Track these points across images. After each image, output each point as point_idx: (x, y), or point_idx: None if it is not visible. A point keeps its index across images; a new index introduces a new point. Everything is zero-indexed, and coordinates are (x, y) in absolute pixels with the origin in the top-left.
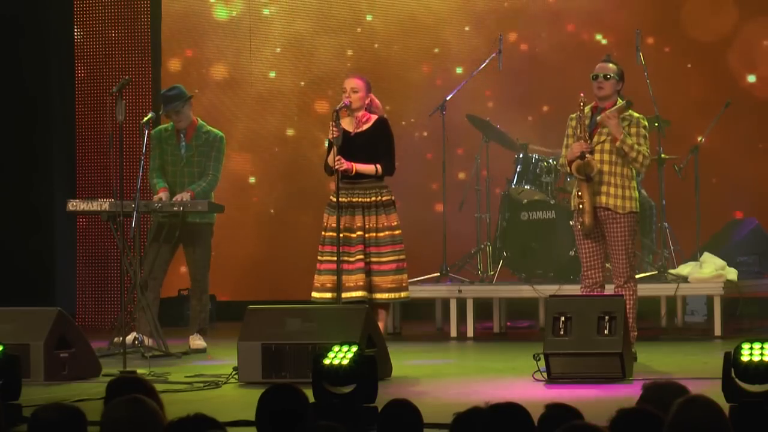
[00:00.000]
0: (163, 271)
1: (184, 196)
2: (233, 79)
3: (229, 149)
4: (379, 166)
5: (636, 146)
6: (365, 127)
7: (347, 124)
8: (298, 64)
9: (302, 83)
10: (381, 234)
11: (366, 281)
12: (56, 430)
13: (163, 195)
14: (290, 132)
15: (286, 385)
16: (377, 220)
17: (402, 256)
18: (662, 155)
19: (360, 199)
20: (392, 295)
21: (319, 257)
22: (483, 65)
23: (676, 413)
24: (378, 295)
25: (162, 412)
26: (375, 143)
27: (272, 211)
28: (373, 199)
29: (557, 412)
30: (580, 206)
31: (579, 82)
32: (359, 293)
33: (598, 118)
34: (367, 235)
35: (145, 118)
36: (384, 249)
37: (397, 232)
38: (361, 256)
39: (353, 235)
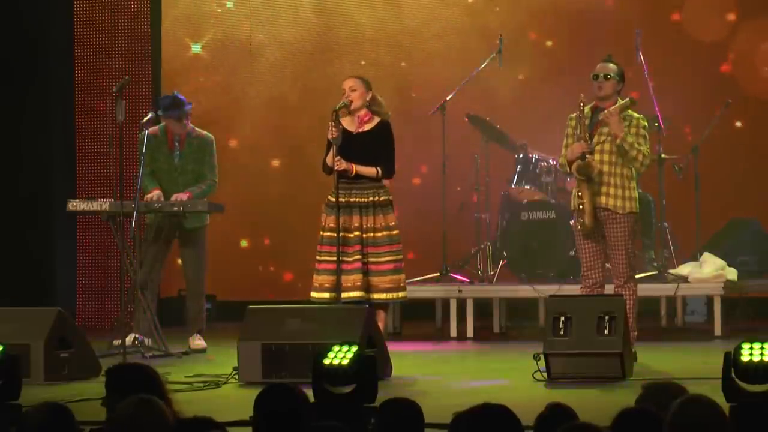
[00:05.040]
0: (160, 271)
1: (181, 196)
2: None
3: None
4: (379, 169)
5: (636, 145)
6: (367, 128)
7: (348, 123)
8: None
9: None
10: (378, 234)
11: (363, 281)
12: (44, 429)
13: (155, 194)
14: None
15: (282, 385)
16: (374, 220)
17: (399, 256)
18: (662, 155)
19: (357, 199)
20: (390, 295)
21: (317, 257)
22: (483, 65)
23: (676, 413)
24: (376, 296)
25: (170, 404)
26: (376, 145)
27: (273, 210)
28: (371, 199)
29: (551, 411)
30: (580, 207)
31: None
32: (356, 293)
33: (601, 115)
34: (364, 236)
35: (145, 118)
36: (381, 249)
37: (394, 232)
38: (359, 257)
39: (350, 235)
